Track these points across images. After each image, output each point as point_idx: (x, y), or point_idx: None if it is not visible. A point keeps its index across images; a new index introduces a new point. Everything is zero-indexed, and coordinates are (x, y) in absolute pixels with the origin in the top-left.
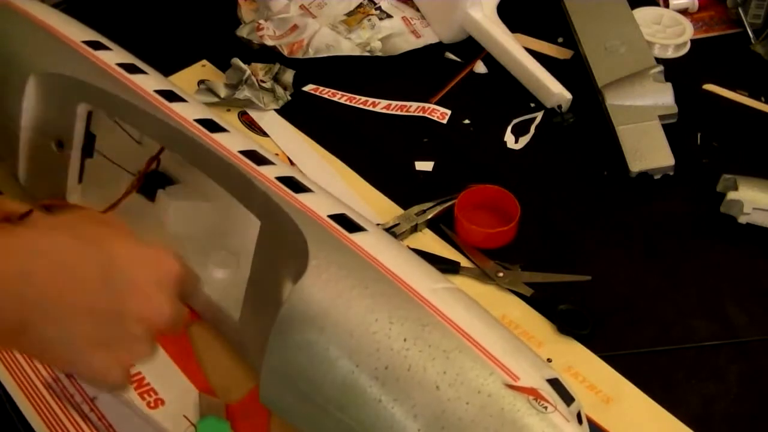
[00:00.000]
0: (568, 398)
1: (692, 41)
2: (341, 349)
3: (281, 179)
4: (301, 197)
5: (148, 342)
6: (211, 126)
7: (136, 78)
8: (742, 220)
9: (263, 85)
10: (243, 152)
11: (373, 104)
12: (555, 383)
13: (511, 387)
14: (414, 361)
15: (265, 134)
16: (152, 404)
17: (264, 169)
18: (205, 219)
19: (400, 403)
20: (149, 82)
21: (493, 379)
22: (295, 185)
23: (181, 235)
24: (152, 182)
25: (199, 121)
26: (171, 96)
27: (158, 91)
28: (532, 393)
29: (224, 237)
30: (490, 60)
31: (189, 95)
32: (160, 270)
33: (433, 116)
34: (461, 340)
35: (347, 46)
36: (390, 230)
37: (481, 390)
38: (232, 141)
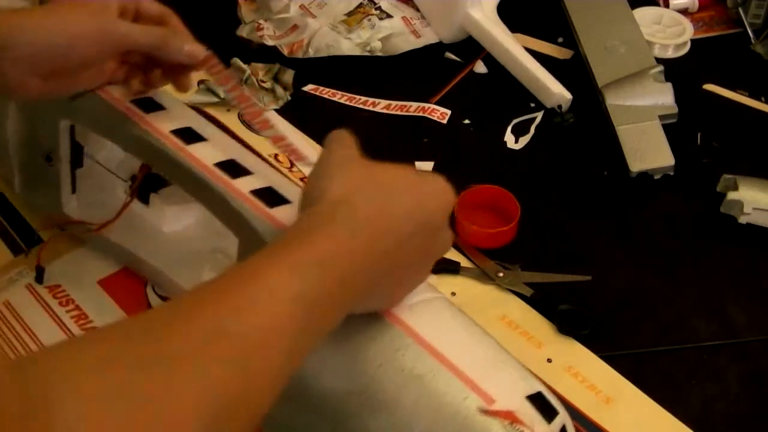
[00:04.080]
0: (550, 413)
1: (692, 41)
2: (313, 372)
3: (257, 192)
4: (277, 211)
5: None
6: (189, 136)
7: (113, 89)
8: (742, 220)
9: (263, 85)
10: (219, 164)
11: (373, 104)
12: (537, 398)
13: (485, 412)
14: (387, 386)
15: None
16: None
17: (240, 182)
18: (199, 221)
19: (373, 429)
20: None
21: (467, 404)
22: (272, 196)
23: (176, 237)
24: (145, 185)
25: (176, 131)
26: (148, 105)
27: (135, 102)
28: (508, 416)
29: (219, 239)
30: (490, 60)
31: (171, 99)
32: (448, 202)
33: (433, 116)
34: (435, 363)
35: (347, 46)
36: None
37: (455, 415)
38: (210, 152)
